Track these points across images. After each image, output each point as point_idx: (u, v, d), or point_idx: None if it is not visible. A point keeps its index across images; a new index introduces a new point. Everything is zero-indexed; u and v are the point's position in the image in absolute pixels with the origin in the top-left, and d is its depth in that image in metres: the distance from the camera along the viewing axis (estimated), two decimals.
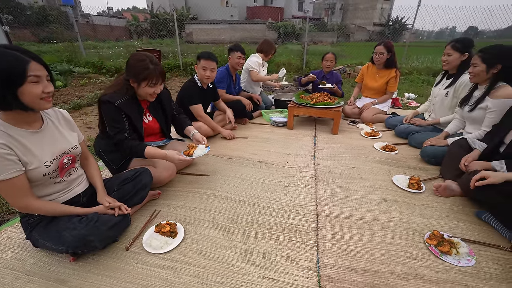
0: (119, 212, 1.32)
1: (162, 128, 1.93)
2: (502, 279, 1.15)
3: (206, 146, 1.82)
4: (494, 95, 1.82)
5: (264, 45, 3.39)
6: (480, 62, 1.84)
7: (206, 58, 2.30)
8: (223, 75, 2.92)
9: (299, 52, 7.70)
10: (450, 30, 27.21)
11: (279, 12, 27.38)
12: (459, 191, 1.70)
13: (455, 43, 2.25)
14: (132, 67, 1.53)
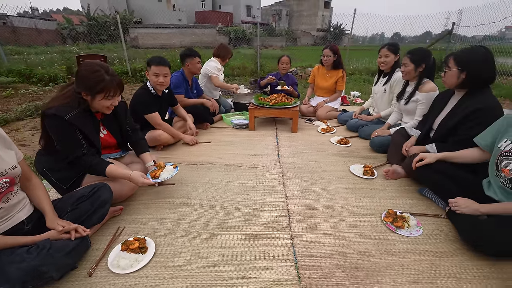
0: (76, 235, 1.18)
1: (118, 143, 1.79)
2: (443, 241, 1.36)
3: (174, 167, 1.75)
4: (422, 89, 2.16)
5: (220, 50, 3.40)
6: (410, 62, 2.17)
7: (157, 64, 2.19)
8: (179, 80, 2.83)
9: (252, 56, 7.90)
10: (380, 35, 31.04)
11: (229, 17, 27.62)
12: (404, 173, 1.96)
13: (390, 46, 2.59)
14: (85, 78, 1.37)
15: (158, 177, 1.63)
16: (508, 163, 1.24)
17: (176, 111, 2.68)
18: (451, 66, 1.63)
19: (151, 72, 2.20)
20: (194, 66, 2.83)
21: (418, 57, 2.15)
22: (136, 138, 1.83)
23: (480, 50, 1.56)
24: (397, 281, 1.14)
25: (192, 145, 2.56)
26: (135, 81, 6.31)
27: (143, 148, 1.82)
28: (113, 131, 1.70)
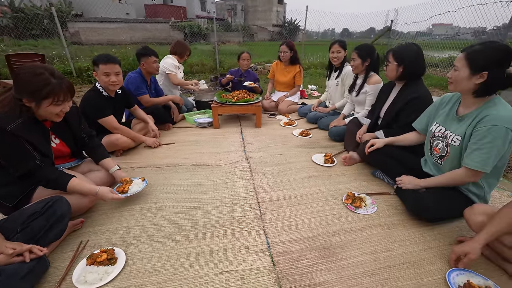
0: (31, 256, 1.07)
1: (73, 152, 1.64)
2: (393, 215, 1.57)
3: (142, 180, 1.70)
4: (369, 82, 2.40)
5: (177, 47, 3.29)
6: (357, 57, 2.39)
7: (105, 62, 1.99)
8: (138, 81, 2.66)
9: (210, 52, 7.76)
10: (331, 31, 33.01)
11: (182, 11, 26.47)
12: (359, 159, 2.17)
13: (340, 43, 2.80)
14: (26, 83, 1.21)
15: (126, 191, 1.59)
16: (438, 143, 1.47)
17: (134, 112, 2.53)
18: (390, 60, 1.86)
19: (100, 71, 2.00)
20: (150, 66, 2.68)
21: (364, 52, 2.38)
22: (93, 144, 1.70)
23: (413, 47, 1.80)
24: (358, 254, 1.29)
25: (155, 148, 2.46)
26: (81, 82, 5.72)
27: (102, 154, 1.71)
28: (66, 140, 1.55)
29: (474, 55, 1.20)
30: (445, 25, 20.16)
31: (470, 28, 9.93)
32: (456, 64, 1.27)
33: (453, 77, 1.29)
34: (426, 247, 1.33)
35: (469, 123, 1.28)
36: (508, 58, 1.16)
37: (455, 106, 1.42)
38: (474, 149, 1.24)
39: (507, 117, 1.17)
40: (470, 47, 1.23)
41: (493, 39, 5.50)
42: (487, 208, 1.20)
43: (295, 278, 1.16)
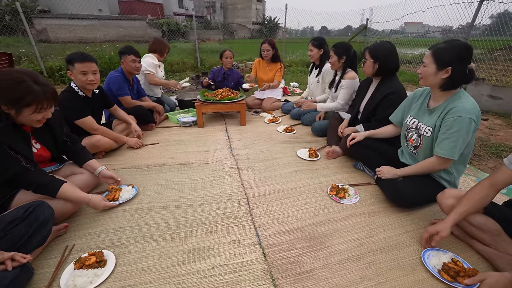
0: (13, 264, 1.03)
1: (54, 156, 1.57)
2: (375, 203, 1.67)
3: (132, 187, 1.70)
4: (345, 77, 2.52)
5: (156, 45, 3.22)
6: (334, 55, 2.49)
7: (81, 61, 1.90)
8: (120, 81, 2.57)
9: (191, 51, 7.64)
10: (310, 29, 33.58)
11: (159, 8, 25.65)
12: (342, 152, 2.27)
13: (313, 41, 2.89)
14: (6, 90, 1.15)
15: (117, 199, 1.60)
16: (412, 134, 1.58)
17: (115, 113, 2.45)
18: (367, 58, 1.96)
19: (76, 71, 1.91)
20: (128, 65, 2.59)
21: (340, 50, 2.48)
22: (76, 148, 1.66)
23: (387, 45, 1.92)
24: (344, 241, 1.36)
25: (138, 148, 2.40)
26: (54, 82, 5.40)
27: (85, 157, 1.66)
28: (46, 144, 1.49)
29: (439, 52, 1.32)
30: (416, 23, 21.30)
31: (438, 27, 10.55)
32: (425, 61, 1.39)
33: (422, 73, 1.41)
34: (404, 231, 1.44)
35: (439, 115, 1.40)
36: (467, 55, 1.28)
37: (426, 100, 1.54)
38: (442, 138, 1.36)
39: (470, 109, 1.29)
40: (436, 45, 1.36)
41: (457, 38, 5.91)
42: (456, 192, 1.32)
43: (286, 267, 1.21)
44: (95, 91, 2.16)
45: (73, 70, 1.93)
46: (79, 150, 1.68)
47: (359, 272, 1.19)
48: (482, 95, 3.80)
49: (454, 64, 1.28)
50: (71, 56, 1.92)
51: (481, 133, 2.96)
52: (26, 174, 1.24)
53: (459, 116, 1.29)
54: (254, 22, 31.90)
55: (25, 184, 1.28)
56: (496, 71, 6.42)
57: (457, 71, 1.29)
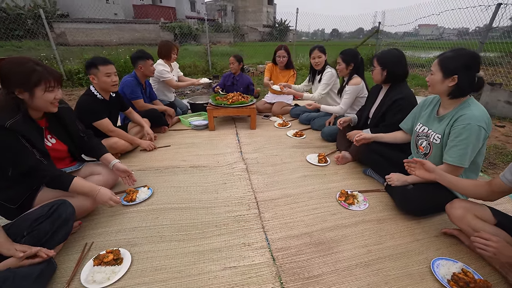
0: (38, 259, 1.10)
1: (71, 151, 1.66)
2: (384, 210, 1.67)
3: (147, 188, 1.81)
4: (350, 83, 2.53)
5: (161, 49, 3.21)
6: (342, 62, 2.51)
7: (105, 64, 2.04)
8: (133, 85, 2.68)
9: (202, 54, 7.77)
10: (321, 31, 33.45)
11: (171, 12, 26.23)
12: (351, 158, 2.27)
13: (320, 48, 2.91)
14: (13, 74, 1.22)
15: (135, 199, 1.71)
16: (422, 141, 1.58)
17: (130, 116, 2.55)
18: (375, 65, 1.97)
19: (101, 73, 2.03)
20: (148, 69, 2.71)
21: (348, 57, 2.50)
22: (93, 143, 1.75)
23: (395, 52, 1.92)
24: (352, 247, 1.38)
25: (150, 151, 2.49)
26: (72, 85, 5.64)
27: (102, 150, 1.76)
28: (61, 138, 1.57)
29: (446, 61, 1.35)
30: (431, 26, 20.82)
31: (454, 29, 10.29)
32: (432, 69, 1.42)
33: (430, 80, 1.44)
34: (413, 239, 1.43)
35: (447, 122, 1.40)
36: (475, 63, 1.29)
37: (436, 107, 1.55)
38: (451, 146, 1.36)
39: (480, 116, 1.30)
40: (444, 53, 1.38)
41: (474, 40, 5.76)
42: (465, 202, 1.31)
43: (294, 271, 1.24)
44: (112, 94, 2.26)
45: (97, 73, 2.03)
46: (95, 145, 1.77)
47: (367, 279, 1.20)
48: (498, 101, 3.70)
49: (460, 73, 1.30)
50: (92, 61, 2.04)
51: (497, 140, 2.88)
52: (39, 167, 1.30)
53: (468, 124, 1.30)
54: (265, 25, 32.08)
55: (39, 177, 1.33)
56: None
57: (463, 79, 1.31)
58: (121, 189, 1.87)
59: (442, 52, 1.40)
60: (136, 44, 15.17)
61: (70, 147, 1.63)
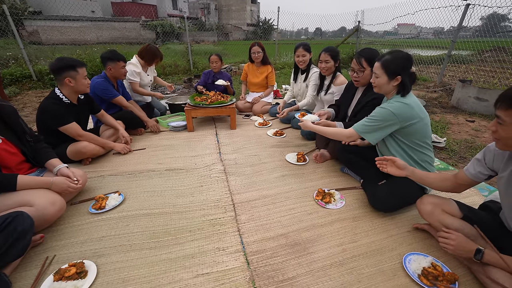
0: None
1: (25, 152, 1.55)
2: (359, 208, 1.68)
3: (118, 194, 1.72)
4: (335, 83, 2.52)
5: (145, 53, 3.07)
6: (331, 59, 2.48)
7: (82, 66, 2.00)
8: (105, 84, 2.55)
9: (184, 53, 7.61)
10: (305, 30, 33.82)
11: (152, 9, 25.58)
12: (329, 156, 2.28)
13: (305, 46, 2.89)
14: None
15: (104, 207, 1.61)
16: None
17: (102, 119, 2.44)
18: (365, 66, 1.85)
19: (80, 75, 1.96)
20: (118, 71, 2.58)
21: (335, 53, 2.49)
22: (38, 147, 1.64)
23: (377, 51, 1.92)
24: (327, 247, 1.37)
25: (125, 154, 2.39)
26: (43, 87, 5.33)
27: (47, 155, 1.63)
28: (9, 137, 1.46)
29: (388, 64, 1.46)
30: (409, 25, 21.57)
31: (430, 28, 10.70)
32: (376, 72, 1.51)
33: (376, 82, 1.53)
34: (387, 235, 1.45)
35: None
36: (410, 62, 1.47)
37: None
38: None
39: (392, 104, 1.47)
40: (382, 56, 1.49)
41: (447, 39, 5.99)
42: (433, 198, 1.34)
43: (269, 274, 1.21)
44: (80, 97, 2.14)
45: (76, 76, 1.96)
46: (40, 149, 1.64)
47: (340, 278, 1.19)
48: (469, 97, 3.87)
49: (402, 72, 1.44)
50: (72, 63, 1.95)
51: (467, 134, 3.01)
52: None
53: (382, 108, 1.47)
54: (249, 23, 31.98)
55: None
56: (484, 73, 6.55)
57: (405, 78, 1.46)
58: (90, 195, 1.77)
59: (380, 55, 1.52)
60: (116, 43, 14.66)
61: (21, 148, 1.52)
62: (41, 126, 1.99)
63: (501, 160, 1.06)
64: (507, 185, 1.04)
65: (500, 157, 1.06)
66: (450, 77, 6.39)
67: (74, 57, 5.56)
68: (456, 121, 3.48)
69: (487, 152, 1.13)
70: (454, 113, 3.84)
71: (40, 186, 1.38)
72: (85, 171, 2.00)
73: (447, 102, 4.37)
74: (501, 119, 0.89)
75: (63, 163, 1.65)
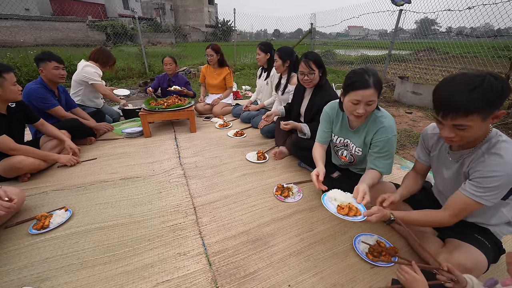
0: None
1: None
2: (315, 199, 1.80)
3: (65, 210, 1.58)
4: (291, 82, 2.64)
5: (99, 54, 2.93)
6: (278, 58, 2.59)
7: (9, 71, 1.78)
8: (41, 92, 2.29)
9: (138, 55, 7.21)
10: (264, 31, 34.51)
11: (100, 9, 23.66)
12: (288, 152, 2.38)
13: (260, 46, 2.99)
14: None
15: (47, 225, 1.47)
16: (342, 151, 1.67)
17: (42, 129, 2.19)
18: (314, 68, 1.95)
19: (8, 82, 1.75)
20: (50, 72, 2.32)
21: (284, 54, 2.60)
22: None
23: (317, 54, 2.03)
24: (286, 238, 1.44)
25: (72, 166, 2.19)
26: None
27: None
28: None
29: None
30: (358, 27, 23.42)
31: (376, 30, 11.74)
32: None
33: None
34: (340, 221, 1.58)
35: (364, 136, 1.48)
36: None
37: (345, 118, 1.58)
38: (377, 157, 1.43)
39: (393, 126, 1.40)
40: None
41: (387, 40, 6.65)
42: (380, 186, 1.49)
43: (230, 272, 1.23)
44: (11, 105, 1.90)
45: (3, 83, 1.75)
46: None
47: (299, 266, 1.27)
48: (407, 91, 4.37)
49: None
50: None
51: (407, 125, 3.40)
52: None
53: (387, 137, 1.38)
54: (208, 25, 31.55)
55: None
56: (419, 70, 7.44)
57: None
58: (30, 215, 1.59)
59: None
60: (58, 45, 13.22)
61: None
62: None
63: (432, 141, 1.23)
64: (437, 161, 1.22)
65: (432, 139, 1.24)
66: (392, 74, 7.12)
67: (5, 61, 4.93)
68: (398, 113, 3.91)
69: (424, 138, 1.28)
70: (396, 106, 4.30)
71: None
72: (23, 188, 1.79)
73: (390, 97, 4.87)
74: (464, 126, 0.89)
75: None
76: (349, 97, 1.34)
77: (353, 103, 1.33)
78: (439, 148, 1.20)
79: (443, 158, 1.18)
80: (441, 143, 1.19)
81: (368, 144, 1.49)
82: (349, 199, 1.27)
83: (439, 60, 7.36)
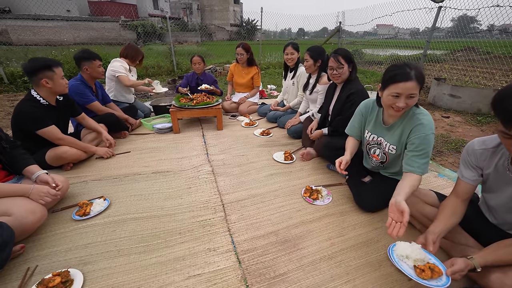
0: None
1: (1, 160, 1.47)
2: (346, 203, 1.74)
3: (103, 199, 1.67)
4: (320, 82, 2.58)
5: (128, 50, 3.11)
6: (310, 58, 2.54)
7: (58, 65, 1.92)
8: (81, 88, 2.45)
9: (167, 54, 7.47)
10: (288, 30, 34.20)
11: (133, 9, 24.85)
12: (316, 154, 2.33)
13: (294, 45, 2.94)
14: None
15: (88, 213, 1.56)
16: (375, 150, 1.60)
17: (83, 122, 2.34)
18: (343, 63, 1.94)
19: (57, 76, 1.89)
20: (95, 70, 2.50)
21: (315, 53, 2.54)
22: (14, 153, 1.56)
23: (347, 50, 1.99)
24: (316, 242, 1.41)
25: (108, 158, 2.31)
26: (16, 90, 5.04)
27: (25, 162, 1.55)
28: None
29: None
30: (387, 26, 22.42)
31: (407, 29, 11.15)
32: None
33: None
34: (373, 228, 1.51)
35: (400, 133, 1.41)
36: None
37: (380, 115, 1.52)
38: (412, 155, 1.33)
39: (430, 124, 1.32)
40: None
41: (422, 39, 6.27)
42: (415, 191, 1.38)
43: (260, 272, 1.23)
44: (59, 98, 2.05)
45: (53, 76, 1.89)
46: (18, 156, 1.56)
47: (330, 272, 1.23)
48: (444, 94, 4.09)
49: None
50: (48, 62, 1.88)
51: (443, 130, 3.18)
52: None
53: (425, 135, 1.30)
54: (232, 24, 31.88)
55: None
56: (457, 71, 6.94)
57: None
58: (73, 202, 1.70)
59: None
60: (94, 44, 14.10)
61: None
62: (17, 131, 1.89)
63: (483, 157, 1.11)
64: (494, 178, 1.09)
65: (482, 155, 1.11)
66: (426, 75, 6.70)
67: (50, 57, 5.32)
68: (433, 117, 3.67)
69: (472, 156, 1.14)
70: (431, 109, 4.05)
71: (18, 194, 1.31)
72: (67, 177, 1.92)
73: (424, 100, 4.59)
74: None
75: (42, 170, 1.58)
76: (388, 90, 1.28)
77: (393, 96, 1.26)
78: (494, 165, 1.08)
79: (502, 174, 1.06)
80: (496, 158, 1.07)
81: (404, 143, 1.41)
82: (421, 253, 1.12)
83: (479, 60, 6.79)
